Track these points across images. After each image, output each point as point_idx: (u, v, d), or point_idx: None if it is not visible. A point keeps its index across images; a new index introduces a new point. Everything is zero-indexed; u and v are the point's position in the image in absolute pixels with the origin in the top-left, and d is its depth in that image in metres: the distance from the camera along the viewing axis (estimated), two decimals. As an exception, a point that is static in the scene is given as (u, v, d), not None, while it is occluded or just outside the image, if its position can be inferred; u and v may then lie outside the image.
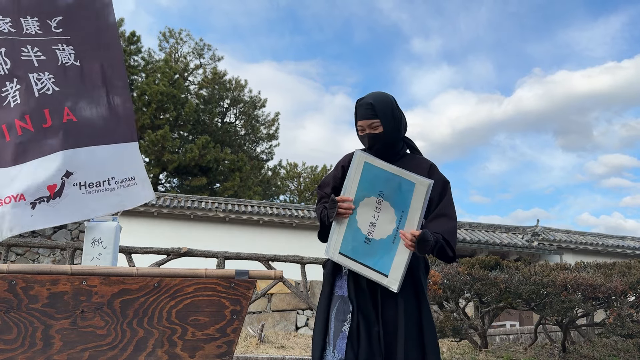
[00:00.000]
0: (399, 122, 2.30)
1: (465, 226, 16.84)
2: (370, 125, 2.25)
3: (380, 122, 2.24)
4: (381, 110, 2.24)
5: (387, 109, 2.26)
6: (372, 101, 2.25)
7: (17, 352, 1.42)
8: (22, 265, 1.45)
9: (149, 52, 24.72)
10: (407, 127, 2.40)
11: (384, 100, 2.28)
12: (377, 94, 2.31)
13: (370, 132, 2.26)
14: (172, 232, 13.25)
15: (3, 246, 7.19)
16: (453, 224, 2.23)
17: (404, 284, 2.10)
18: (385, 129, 2.25)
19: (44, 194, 2.22)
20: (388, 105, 2.27)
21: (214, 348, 1.48)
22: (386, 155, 2.29)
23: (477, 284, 5.71)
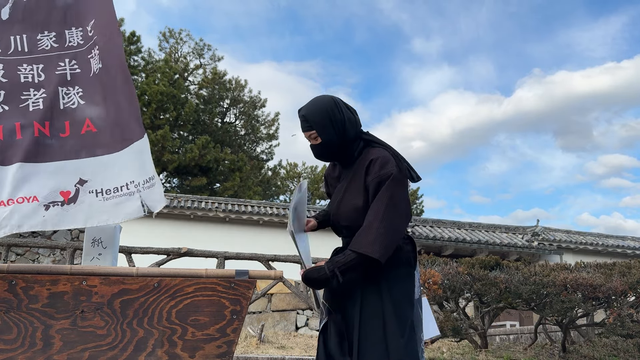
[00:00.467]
0: (340, 125, 2.17)
1: (465, 226, 16.84)
2: (309, 137, 2.19)
3: (317, 133, 2.16)
4: (315, 120, 2.15)
5: (321, 117, 2.15)
6: (305, 113, 2.18)
7: (17, 352, 1.42)
8: (22, 265, 1.45)
9: (149, 52, 24.74)
10: (358, 123, 2.26)
11: (318, 109, 2.17)
12: (310, 104, 2.21)
13: (312, 143, 2.21)
14: (172, 232, 13.25)
15: (3, 246, 7.19)
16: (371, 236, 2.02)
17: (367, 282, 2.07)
18: (324, 138, 2.16)
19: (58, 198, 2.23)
20: (323, 114, 2.16)
21: (214, 348, 1.48)
22: (340, 161, 2.27)
23: (477, 284, 5.71)
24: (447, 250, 15.58)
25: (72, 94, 2.33)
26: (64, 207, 2.22)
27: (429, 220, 16.82)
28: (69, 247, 7.27)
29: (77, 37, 2.41)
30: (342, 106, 2.22)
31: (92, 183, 2.28)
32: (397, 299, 2.07)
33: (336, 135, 2.17)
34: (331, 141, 2.17)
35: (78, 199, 2.25)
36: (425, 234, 15.61)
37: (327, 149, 2.20)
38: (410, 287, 2.14)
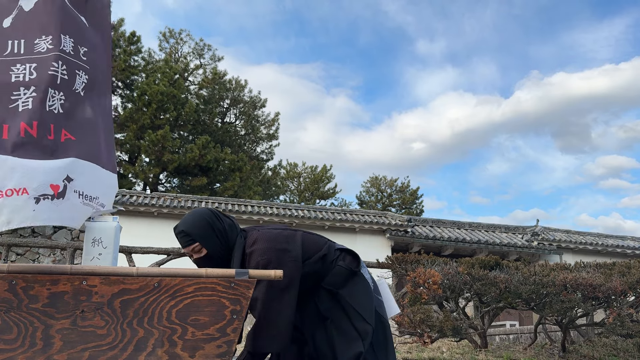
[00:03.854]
0: (222, 233, 2.20)
1: (465, 226, 16.84)
2: (192, 250, 2.17)
3: (200, 245, 2.15)
4: (195, 232, 2.14)
5: (202, 229, 2.16)
6: (184, 228, 2.16)
7: (17, 352, 1.42)
8: (22, 265, 1.45)
9: (149, 52, 24.73)
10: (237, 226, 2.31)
11: (197, 221, 2.18)
12: (188, 218, 2.21)
13: (196, 256, 2.18)
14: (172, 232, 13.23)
15: (3, 246, 7.19)
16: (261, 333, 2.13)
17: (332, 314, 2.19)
18: (209, 249, 2.16)
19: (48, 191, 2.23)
20: (203, 225, 2.17)
21: (214, 348, 1.48)
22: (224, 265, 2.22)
23: (477, 284, 5.71)
24: (447, 250, 15.57)
25: (57, 99, 2.36)
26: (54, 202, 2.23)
27: (428, 220, 16.82)
28: (69, 247, 7.28)
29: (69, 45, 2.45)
30: (220, 215, 2.25)
31: (76, 183, 2.31)
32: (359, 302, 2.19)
33: (220, 244, 2.18)
34: (216, 251, 2.16)
35: (66, 195, 2.27)
36: (425, 233, 15.61)
37: (214, 257, 2.16)
38: (364, 285, 2.26)
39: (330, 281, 2.23)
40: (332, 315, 2.18)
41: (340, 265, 2.26)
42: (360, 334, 2.12)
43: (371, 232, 15.21)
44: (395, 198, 32.05)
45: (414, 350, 6.15)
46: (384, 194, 32.28)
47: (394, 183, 32.31)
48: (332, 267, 2.25)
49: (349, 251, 2.33)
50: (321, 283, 2.23)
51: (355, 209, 21.09)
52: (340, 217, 15.27)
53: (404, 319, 5.37)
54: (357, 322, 2.15)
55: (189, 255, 2.25)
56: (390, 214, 16.69)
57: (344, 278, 2.24)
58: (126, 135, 21.16)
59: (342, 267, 2.25)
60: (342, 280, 2.23)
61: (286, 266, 2.07)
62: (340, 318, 2.17)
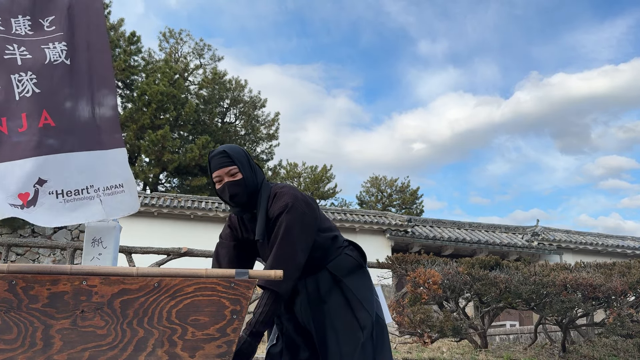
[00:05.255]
0: (254, 169, 2.24)
1: (465, 226, 16.84)
2: (228, 173, 2.14)
3: (238, 169, 2.15)
4: (236, 157, 2.17)
5: (241, 155, 2.20)
6: (226, 149, 2.19)
7: (17, 352, 1.42)
8: (22, 265, 1.45)
9: (149, 52, 24.74)
10: (261, 172, 2.31)
11: (237, 149, 2.23)
12: (225, 145, 2.25)
13: (229, 179, 2.14)
14: (172, 232, 13.25)
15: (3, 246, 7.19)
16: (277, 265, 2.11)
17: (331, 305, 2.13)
18: (244, 175, 2.16)
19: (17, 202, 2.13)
20: (242, 153, 2.22)
21: (214, 348, 1.48)
22: (246, 207, 2.20)
23: (477, 284, 5.71)
24: (447, 250, 15.58)
25: (25, 80, 2.21)
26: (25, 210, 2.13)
27: (429, 220, 16.82)
28: (69, 247, 7.28)
29: (24, 27, 2.29)
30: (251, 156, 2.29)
31: (51, 183, 2.18)
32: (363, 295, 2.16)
33: (251, 176, 2.19)
34: (249, 179, 2.17)
35: (38, 201, 2.16)
36: (425, 234, 15.61)
37: (245, 186, 2.15)
38: (368, 281, 2.25)
39: (335, 266, 2.19)
40: (332, 301, 2.14)
41: (348, 254, 2.23)
42: (360, 325, 2.10)
43: (371, 232, 15.21)
44: (395, 198, 32.06)
45: (414, 350, 6.15)
46: (384, 194, 32.29)
47: (394, 183, 32.33)
48: (339, 254, 2.22)
49: (356, 245, 2.32)
50: (326, 265, 2.19)
51: (356, 209, 21.09)
52: (341, 217, 15.27)
53: (404, 319, 5.37)
54: (358, 312, 2.11)
55: (216, 182, 2.19)
56: (390, 214, 16.70)
57: (350, 268, 2.21)
58: (126, 135, 21.16)
59: (349, 256, 2.23)
60: (348, 270, 2.20)
61: (308, 216, 2.11)
62: (341, 306, 2.14)
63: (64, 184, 2.20)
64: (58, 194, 2.20)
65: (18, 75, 2.22)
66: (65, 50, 2.32)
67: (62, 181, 2.20)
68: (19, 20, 2.30)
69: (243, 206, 2.18)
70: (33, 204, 2.15)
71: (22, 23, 2.31)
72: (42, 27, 2.34)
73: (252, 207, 2.19)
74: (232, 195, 2.14)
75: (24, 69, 2.24)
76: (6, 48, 2.22)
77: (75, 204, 2.23)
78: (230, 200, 2.16)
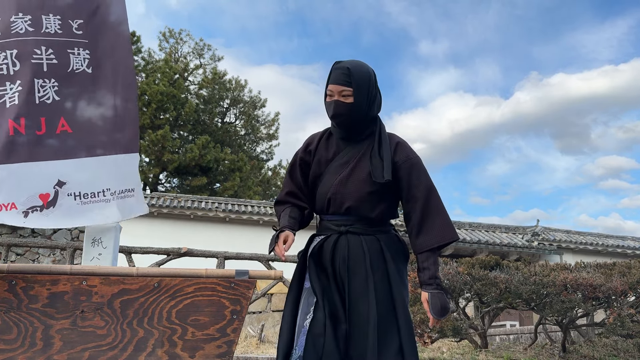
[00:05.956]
0: (372, 98, 2.05)
1: (465, 226, 16.84)
2: (340, 93, 1.99)
3: (352, 92, 1.98)
4: (357, 79, 1.99)
5: (363, 80, 2.01)
6: (350, 67, 2.00)
7: (17, 352, 1.42)
8: (22, 265, 1.45)
9: (149, 52, 24.72)
10: (380, 106, 2.14)
11: (363, 70, 2.03)
12: (357, 62, 2.05)
13: (339, 99, 2.00)
14: (172, 232, 13.24)
15: (3, 246, 7.19)
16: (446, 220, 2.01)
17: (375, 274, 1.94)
18: (356, 101, 1.99)
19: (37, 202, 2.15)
20: (365, 77, 2.02)
21: (214, 348, 1.48)
22: (348, 133, 2.07)
23: (477, 284, 5.70)
24: (447, 250, 15.57)
25: (48, 87, 2.23)
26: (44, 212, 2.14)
27: (429, 220, 16.78)
28: (69, 247, 7.27)
29: (54, 25, 2.28)
30: (377, 83, 2.10)
31: (70, 185, 2.22)
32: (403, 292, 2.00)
33: (364, 106, 2.02)
34: (360, 108, 2.01)
35: (57, 202, 2.18)
36: (425, 234, 15.58)
37: (351, 113, 2.01)
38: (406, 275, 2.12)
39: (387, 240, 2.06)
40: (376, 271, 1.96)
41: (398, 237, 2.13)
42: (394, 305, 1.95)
43: (371, 232, 15.18)
44: (395, 198, 32.03)
45: (414, 350, 6.14)
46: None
47: (394, 183, 32.28)
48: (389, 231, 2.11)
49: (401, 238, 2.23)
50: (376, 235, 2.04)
51: (355, 209, 21.01)
52: (340, 217, 15.24)
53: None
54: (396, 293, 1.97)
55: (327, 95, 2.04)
56: (390, 214, 16.67)
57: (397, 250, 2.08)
58: (126, 135, 21.16)
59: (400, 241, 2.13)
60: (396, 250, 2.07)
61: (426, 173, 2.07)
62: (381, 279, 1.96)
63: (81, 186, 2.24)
64: (76, 195, 2.23)
65: (42, 81, 2.25)
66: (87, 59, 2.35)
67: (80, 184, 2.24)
68: (50, 18, 2.30)
69: (344, 128, 2.06)
70: (53, 205, 2.20)
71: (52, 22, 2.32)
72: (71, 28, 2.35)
73: (355, 134, 2.07)
74: (334, 114, 2.03)
75: (48, 76, 2.28)
76: (34, 52, 2.25)
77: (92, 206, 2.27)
78: (331, 118, 2.05)
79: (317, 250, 2.05)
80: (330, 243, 2.03)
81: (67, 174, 2.24)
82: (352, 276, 1.95)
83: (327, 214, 2.10)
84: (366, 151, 2.06)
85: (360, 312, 1.90)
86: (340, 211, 2.05)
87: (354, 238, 2.01)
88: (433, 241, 1.99)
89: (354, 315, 1.90)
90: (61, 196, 2.21)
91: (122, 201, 2.32)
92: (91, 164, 2.28)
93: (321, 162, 2.13)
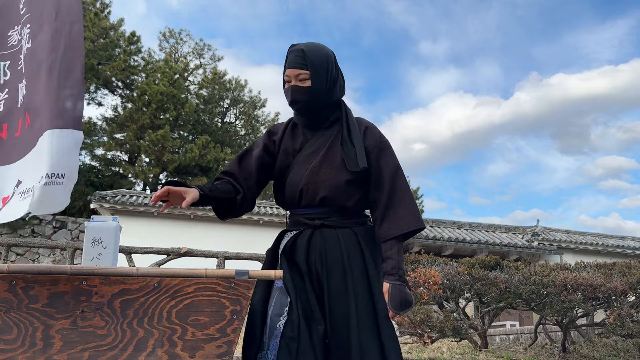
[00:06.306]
0: (333, 81, 1.93)
1: (465, 226, 16.84)
2: (297, 77, 1.89)
3: (309, 75, 1.88)
4: (314, 61, 1.88)
5: (320, 61, 1.90)
6: (305, 49, 1.89)
7: (17, 352, 1.42)
8: (22, 265, 1.45)
9: (149, 52, 24.73)
10: (344, 90, 2.02)
11: (320, 51, 1.92)
12: (313, 43, 1.94)
13: (296, 84, 1.90)
14: (172, 232, 13.26)
15: (3, 246, 7.19)
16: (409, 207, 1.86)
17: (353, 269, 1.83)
18: (314, 84, 1.88)
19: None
20: (322, 58, 1.91)
21: (214, 348, 1.48)
22: (311, 119, 1.96)
23: (477, 284, 5.71)
24: (447, 250, 15.57)
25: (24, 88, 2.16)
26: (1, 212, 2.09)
27: (429, 221, 16.82)
28: (69, 247, 7.28)
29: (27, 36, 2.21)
30: (337, 65, 1.99)
31: (24, 183, 2.07)
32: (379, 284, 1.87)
33: (325, 88, 1.91)
34: (319, 90, 1.90)
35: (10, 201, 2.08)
36: (425, 234, 15.61)
37: (310, 98, 1.90)
38: None
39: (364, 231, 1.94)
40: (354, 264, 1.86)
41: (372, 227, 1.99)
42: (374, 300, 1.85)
43: (371, 232, 15.19)
44: (395, 198, 32.04)
45: (414, 350, 6.15)
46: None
47: (394, 183, 32.30)
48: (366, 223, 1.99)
49: None
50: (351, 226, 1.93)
51: (355, 209, 21.05)
52: (341, 217, 15.25)
53: (404, 319, 5.36)
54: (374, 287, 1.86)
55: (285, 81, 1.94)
56: (390, 214, 16.66)
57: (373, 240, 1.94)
58: (126, 135, 21.17)
59: None
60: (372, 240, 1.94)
61: None
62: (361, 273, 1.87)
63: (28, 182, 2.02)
64: (22, 193, 2.02)
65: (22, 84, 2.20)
66: (28, 34, 2.15)
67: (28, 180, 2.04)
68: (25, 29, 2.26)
69: (305, 115, 1.96)
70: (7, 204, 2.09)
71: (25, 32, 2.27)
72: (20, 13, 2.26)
73: (319, 120, 1.97)
74: (292, 100, 1.93)
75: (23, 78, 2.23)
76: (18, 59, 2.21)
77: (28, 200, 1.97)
78: (290, 104, 1.95)
79: (290, 247, 1.93)
80: (304, 239, 1.91)
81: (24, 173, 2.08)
82: (330, 274, 1.84)
83: (299, 207, 1.97)
84: (335, 138, 1.95)
85: (339, 311, 1.81)
86: (314, 202, 1.92)
87: (329, 232, 1.90)
88: (397, 230, 1.86)
89: (333, 313, 1.81)
90: (15, 195, 2.07)
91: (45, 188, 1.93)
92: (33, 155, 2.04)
93: (288, 153, 2.01)
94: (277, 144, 2.04)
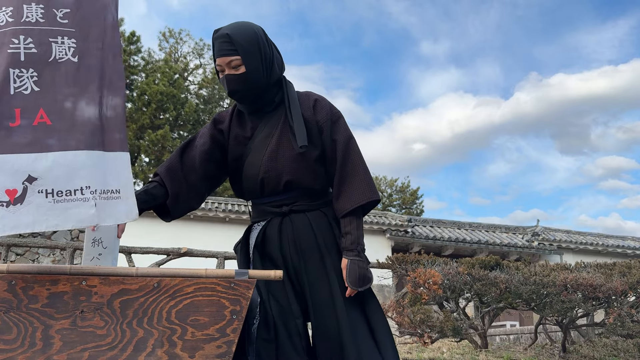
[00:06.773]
0: (269, 61, 1.81)
1: (465, 226, 16.84)
2: (229, 64, 1.77)
3: (241, 60, 1.75)
4: (242, 43, 1.75)
5: (250, 42, 1.76)
6: (230, 32, 1.75)
7: (17, 352, 1.42)
8: (22, 265, 1.45)
9: (149, 52, 24.76)
10: (283, 66, 1.91)
11: (246, 32, 1.77)
12: (237, 24, 1.80)
13: (229, 72, 1.78)
14: (172, 232, 13.24)
15: (3, 246, 7.20)
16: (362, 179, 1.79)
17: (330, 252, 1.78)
18: (249, 68, 1.76)
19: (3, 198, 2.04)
20: (251, 38, 1.77)
21: (213, 348, 1.48)
22: (255, 105, 1.85)
23: (477, 284, 5.70)
24: (447, 250, 15.58)
25: (26, 78, 2.08)
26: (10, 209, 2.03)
27: (429, 220, 16.82)
28: (69, 247, 7.28)
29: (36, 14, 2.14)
30: (269, 40, 1.86)
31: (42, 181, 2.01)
32: None
33: (262, 69, 1.79)
34: (256, 74, 1.77)
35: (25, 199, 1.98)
36: (425, 234, 15.61)
37: (249, 82, 1.78)
38: None
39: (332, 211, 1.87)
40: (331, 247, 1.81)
41: None
42: None
43: (371, 232, 15.21)
44: (395, 198, 32.07)
45: (414, 350, 6.15)
46: (384, 194, 32.29)
47: (394, 183, 32.33)
48: None
49: None
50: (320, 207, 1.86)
51: (356, 209, 21.04)
52: (341, 217, 15.26)
53: (404, 319, 5.37)
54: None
55: (219, 72, 1.84)
56: (390, 214, 16.70)
57: None
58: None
59: None
60: None
61: None
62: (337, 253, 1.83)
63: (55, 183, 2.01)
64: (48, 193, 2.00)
65: (18, 71, 2.14)
66: (73, 48, 2.22)
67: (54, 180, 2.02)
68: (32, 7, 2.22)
69: (248, 103, 1.85)
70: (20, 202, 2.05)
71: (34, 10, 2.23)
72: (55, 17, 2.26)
73: (263, 104, 1.86)
74: (230, 91, 1.81)
75: (25, 65, 2.17)
76: (11, 42, 2.15)
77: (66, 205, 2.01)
78: (229, 95, 1.84)
79: (261, 240, 1.85)
80: (274, 229, 1.84)
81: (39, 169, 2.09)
82: (307, 261, 1.79)
83: (263, 196, 1.88)
84: (286, 118, 1.85)
85: (322, 296, 1.76)
86: (278, 189, 1.84)
87: (299, 217, 1.83)
88: (351, 203, 1.78)
89: (315, 300, 1.76)
90: (30, 193, 2.05)
91: (103, 202, 2.05)
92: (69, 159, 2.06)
93: (239, 141, 1.90)
94: (226, 132, 1.93)
